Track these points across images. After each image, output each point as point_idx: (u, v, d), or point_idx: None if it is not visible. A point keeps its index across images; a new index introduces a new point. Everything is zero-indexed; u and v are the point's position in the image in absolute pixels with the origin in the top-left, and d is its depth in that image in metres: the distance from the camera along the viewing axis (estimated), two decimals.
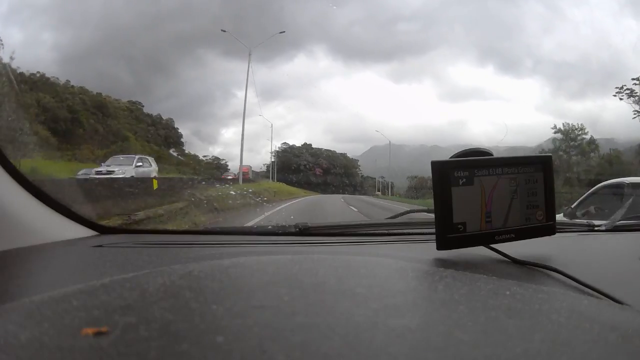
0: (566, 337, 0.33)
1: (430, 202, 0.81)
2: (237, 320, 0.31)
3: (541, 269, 0.74)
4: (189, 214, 5.41)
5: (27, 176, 0.93)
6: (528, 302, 0.41)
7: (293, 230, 1.11)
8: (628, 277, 0.75)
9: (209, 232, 1.29)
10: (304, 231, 1.10)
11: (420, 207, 1.30)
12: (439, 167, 0.75)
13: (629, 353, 0.32)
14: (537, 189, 0.81)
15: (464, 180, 0.75)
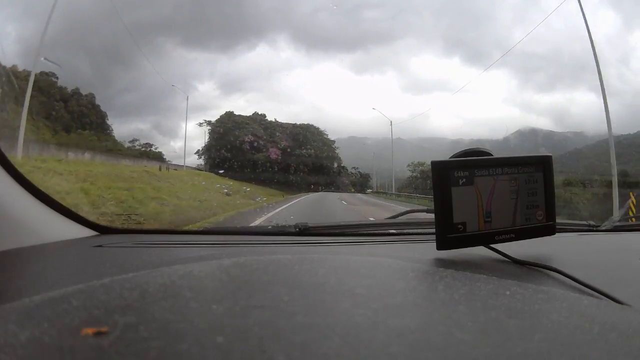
0: (566, 337, 0.33)
1: None
2: (237, 320, 0.31)
3: (541, 269, 0.74)
4: None
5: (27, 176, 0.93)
6: (528, 302, 0.41)
7: (293, 230, 1.11)
8: (628, 277, 0.75)
9: (209, 232, 1.29)
10: (304, 231, 1.10)
11: (420, 207, 1.30)
12: (439, 167, 0.75)
13: (629, 353, 0.32)
14: (537, 189, 0.81)
15: (464, 180, 0.75)
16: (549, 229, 0.83)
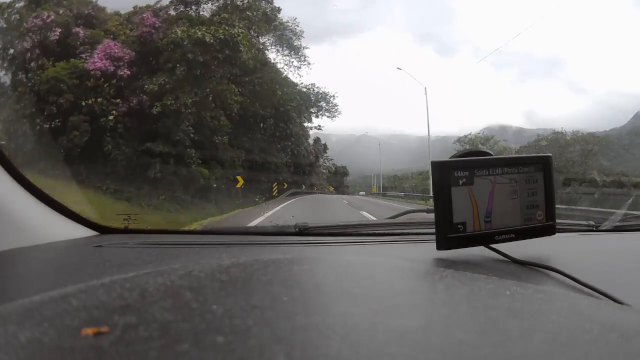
0: (566, 337, 0.33)
1: None
2: (237, 320, 0.31)
3: (541, 269, 0.74)
4: None
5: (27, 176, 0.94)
6: (528, 302, 0.41)
7: (293, 230, 1.11)
8: (628, 277, 0.75)
9: (209, 232, 1.29)
10: (304, 231, 1.10)
11: (420, 207, 1.30)
12: (439, 167, 0.75)
13: (629, 353, 0.32)
14: (537, 189, 0.81)
15: (464, 180, 0.75)
16: (549, 229, 0.83)
